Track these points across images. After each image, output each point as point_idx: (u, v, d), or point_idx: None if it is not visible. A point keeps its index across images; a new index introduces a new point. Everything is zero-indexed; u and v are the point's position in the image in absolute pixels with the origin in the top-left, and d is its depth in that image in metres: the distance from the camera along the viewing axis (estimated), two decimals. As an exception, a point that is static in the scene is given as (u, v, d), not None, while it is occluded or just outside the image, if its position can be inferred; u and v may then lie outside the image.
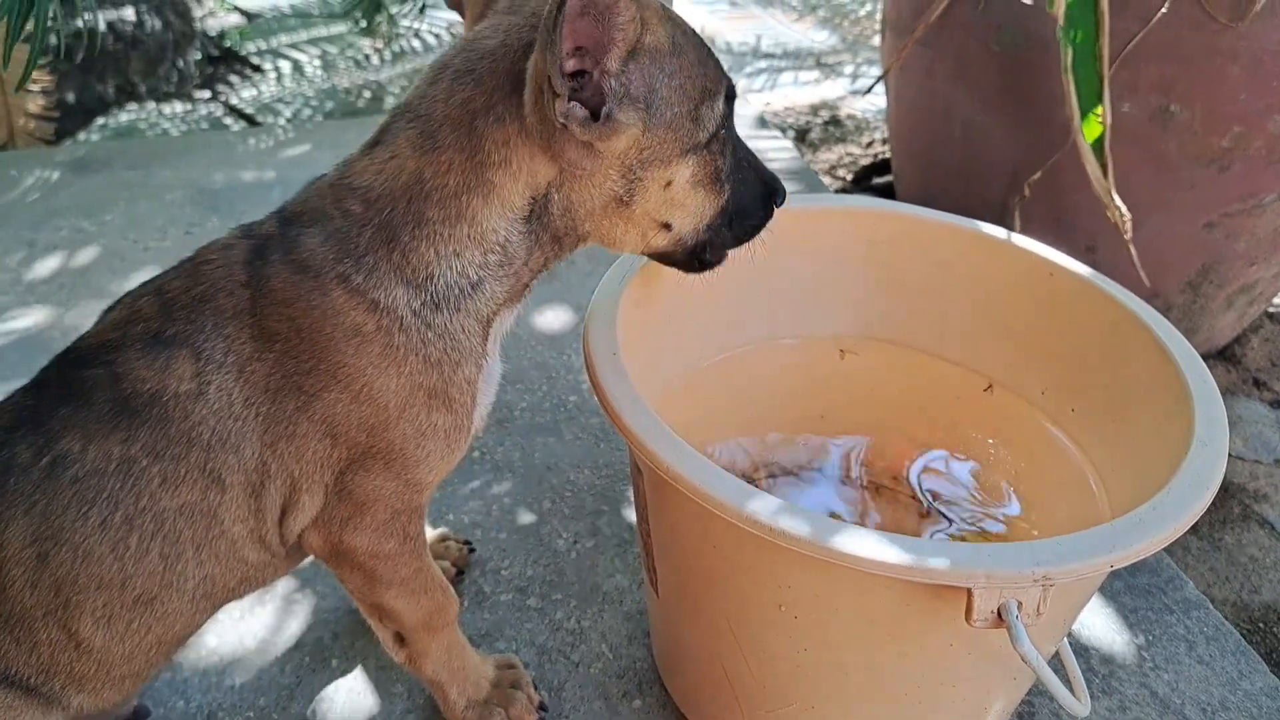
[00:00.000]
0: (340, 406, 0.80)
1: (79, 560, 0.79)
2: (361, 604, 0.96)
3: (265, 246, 0.81)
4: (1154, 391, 0.92)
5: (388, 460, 0.83)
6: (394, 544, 0.89)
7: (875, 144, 2.63)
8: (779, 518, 0.73)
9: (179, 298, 0.81)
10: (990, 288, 1.08)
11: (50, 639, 0.81)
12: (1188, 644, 1.16)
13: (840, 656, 0.85)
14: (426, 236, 0.79)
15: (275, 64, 3.25)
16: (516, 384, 1.55)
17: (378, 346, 0.79)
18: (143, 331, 0.80)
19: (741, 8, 3.65)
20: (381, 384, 0.80)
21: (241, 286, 0.80)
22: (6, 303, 1.70)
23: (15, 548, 0.78)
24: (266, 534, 0.85)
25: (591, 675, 1.12)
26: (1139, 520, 0.74)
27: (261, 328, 0.79)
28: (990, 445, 1.13)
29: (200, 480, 0.80)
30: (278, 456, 0.81)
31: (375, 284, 0.78)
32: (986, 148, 1.71)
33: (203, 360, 0.79)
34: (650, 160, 0.79)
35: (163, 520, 0.80)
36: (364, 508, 0.85)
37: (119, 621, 0.82)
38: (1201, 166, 1.51)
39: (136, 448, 0.79)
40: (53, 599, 0.80)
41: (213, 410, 0.79)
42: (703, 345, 1.11)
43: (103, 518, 0.79)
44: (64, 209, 1.96)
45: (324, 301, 0.78)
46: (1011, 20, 1.55)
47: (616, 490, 1.36)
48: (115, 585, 0.80)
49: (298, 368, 0.79)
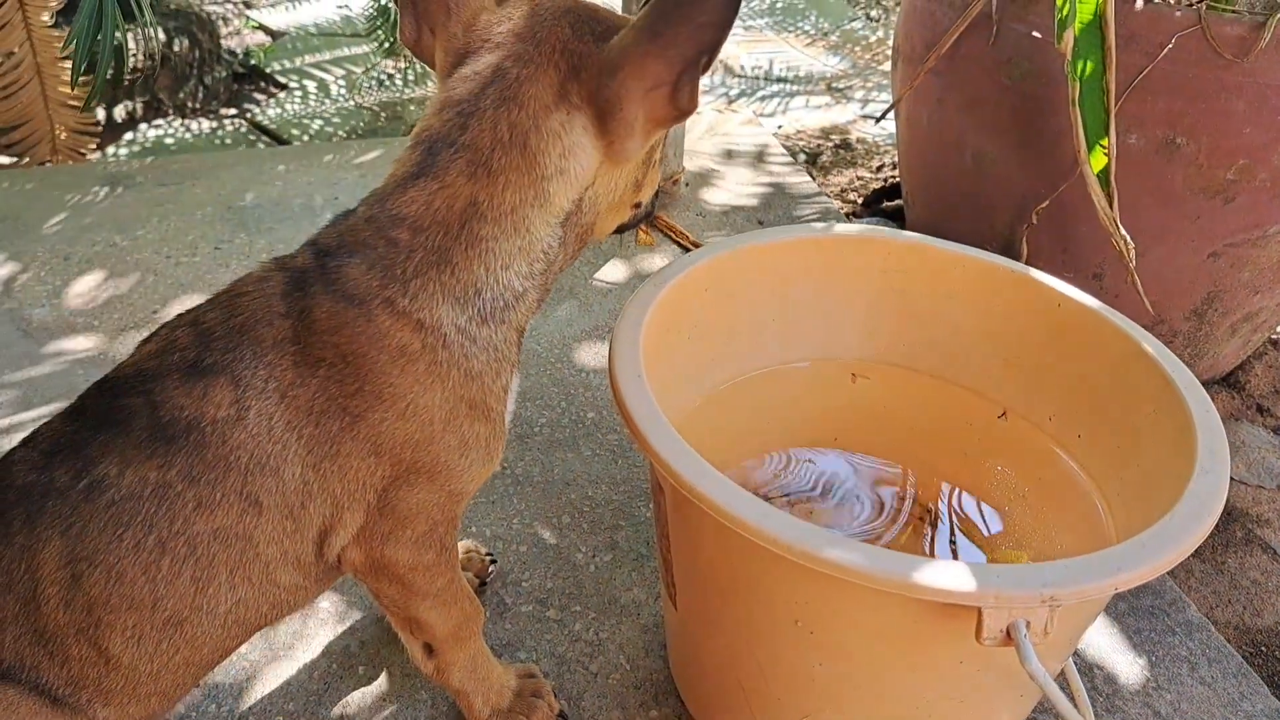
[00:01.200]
0: (386, 425, 0.83)
1: (111, 581, 0.81)
2: (395, 617, 1.00)
3: (303, 279, 0.84)
4: (1158, 421, 0.95)
5: (431, 474, 0.86)
6: (432, 555, 0.92)
7: (885, 168, 2.67)
8: (798, 536, 0.77)
9: (216, 329, 0.84)
10: (1000, 317, 1.12)
11: (80, 655, 0.83)
12: (1190, 665, 1.20)
13: (853, 671, 0.89)
14: (479, 254, 0.83)
15: (300, 82, 3.31)
16: (536, 400, 1.59)
17: (423, 364, 0.83)
18: (180, 361, 0.83)
19: (755, 31, 3.70)
20: (426, 400, 0.83)
21: (281, 317, 0.83)
22: (44, 315, 1.75)
23: (51, 567, 0.81)
24: (302, 555, 0.88)
25: (610, 685, 1.16)
26: (1143, 545, 0.78)
27: (304, 355, 0.82)
28: (999, 470, 1.16)
29: (237, 504, 0.82)
30: (320, 476, 0.84)
31: (420, 305, 0.82)
32: (996, 177, 1.75)
33: (242, 387, 0.81)
34: (659, 138, 0.85)
35: (196, 544, 0.82)
36: (406, 521, 0.88)
37: (148, 641, 0.84)
38: (1206, 198, 1.55)
39: (173, 473, 0.81)
40: (85, 618, 0.82)
41: (252, 435, 0.81)
42: (721, 368, 1.16)
43: (136, 541, 0.81)
44: (98, 224, 2.01)
45: (369, 328, 0.82)
46: (1022, 54, 1.60)
47: (634, 506, 1.40)
48: (146, 606, 0.82)
49: (342, 390, 0.82)
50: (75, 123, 2.60)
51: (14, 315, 1.74)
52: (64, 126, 2.59)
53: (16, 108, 2.49)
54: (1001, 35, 1.62)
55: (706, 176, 2.30)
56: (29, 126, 2.53)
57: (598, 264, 1.96)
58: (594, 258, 1.98)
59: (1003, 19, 1.61)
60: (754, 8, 3.91)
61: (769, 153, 2.45)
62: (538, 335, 1.73)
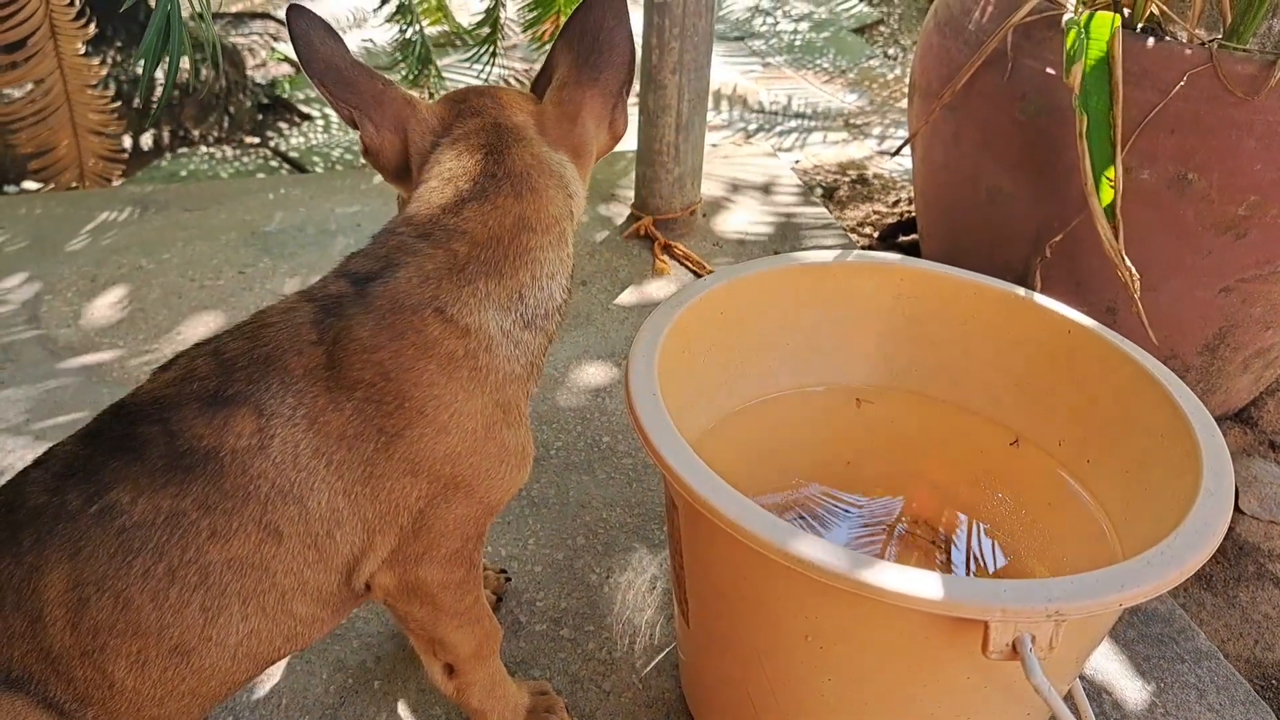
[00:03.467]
0: (425, 441, 0.85)
1: (118, 607, 0.81)
2: (419, 640, 1.00)
3: (338, 305, 0.86)
4: (1165, 445, 0.97)
5: (471, 487, 0.88)
6: (462, 572, 0.94)
7: (901, 203, 2.70)
8: (811, 552, 0.78)
9: (239, 359, 0.85)
10: (1010, 343, 1.14)
11: (85, 677, 0.83)
12: (1198, 692, 1.20)
13: (863, 687, 0.90)
14: (526, 264, 0.91)
15: (323, 112, 3.37)
16: (552, 423, 1.61)
17: (466, 370, 0.86)
18: (200, 390, 0.84)
19: (774, 68, 3.76)
20: (470, 407, 0.87)
21: (312, 345, 0.85)
22: (69, 335, 1.78)
23: (58, 590, 0.81)
24: (323, 585, 0.87)
25: (622, 704, 1.17)
26: (1147, 563, 0.79)
27: (339, 379, 0.84)
28: (1007, 497, 1.18)
29: (254, 533, 0.82)
30: (352, 502, 0.85)
31: (469, 312, 0.87)
32: (1010, 211, 1.77)
33: (267, 416, 0.82)
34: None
35: (208, 573, 0.82)
36: (440, 540, 0.90)
37: (153, 669, 0.84)
38: (1218, 233, 1.56)
39: (187, 502, 0.81)
40: (90, 641, 0.82)
41: (274, 464, 0.82)
42: (734, 392, 1.17)
43: (145, 568, 0.81)
44: (124, 247, 2.05)
45: (418, 338, 0.85)
46: (1035, 91, 1.62)
47: (648, 528, 1.42)
48: (152, 634, 0.82)
49: (380, 410, 0.84)
50: (103, 149, 2.67)
51: (41, 334, 1.78)
52: (91, 153, 2.65)
53: (45, 134, 2.55)
54: (1016, 71, 1.65)
55: (722, 207, 2.34)
56: (56, 153, 2.59)
57: (614, 291, 1.99)
58: (610, 285, 2.01)
59: (1017, 56, 1.64)
60: (772, 45, 3.97)
61: (785, 185, 2.48)
62: (553, 360, 1.76)
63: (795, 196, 2.42)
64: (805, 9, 4.31)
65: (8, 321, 1.82)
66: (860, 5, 4.35)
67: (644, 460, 1.54)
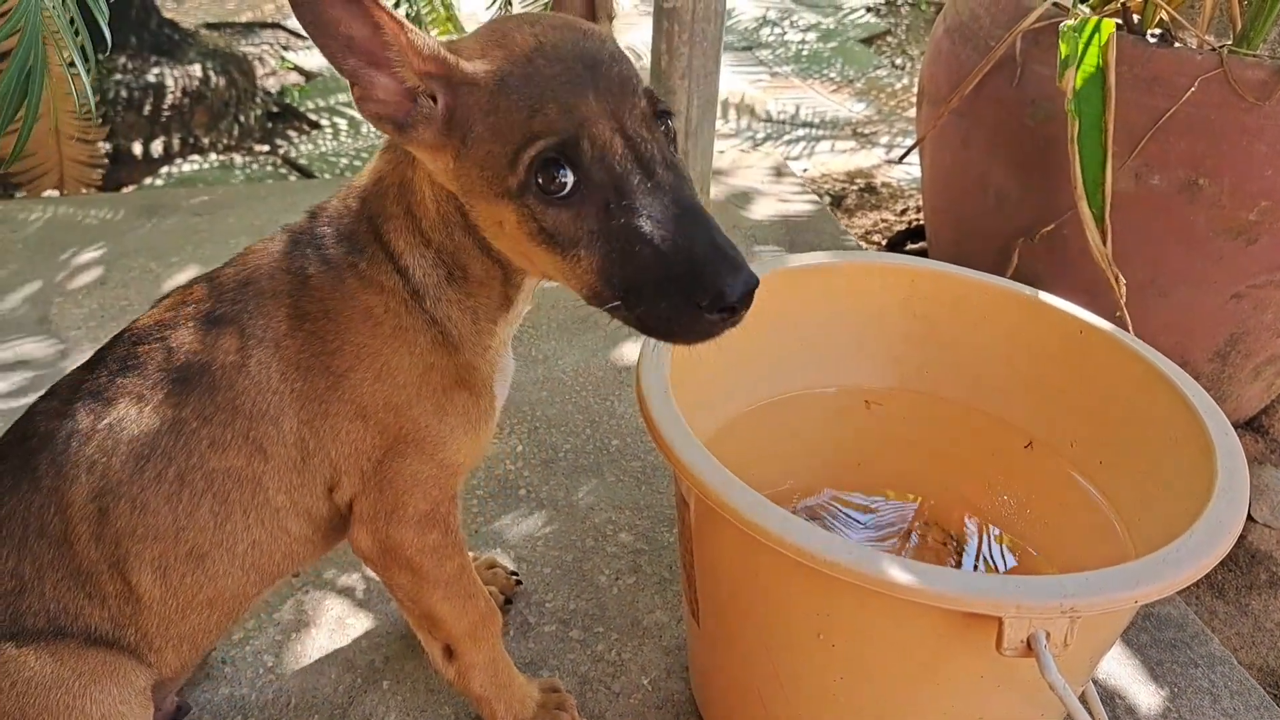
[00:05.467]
0: (364, 386, 0.90)
1: (136, 512, 0.87)
2: (411, 613, 1.02)
3: (309, 235, 0.94)
4: (1179, 445, 0.96)
5: (419, 443, 0.91)
6: (436, 535, 0.96)
7: (909, 211, 2.70)
8: (825, 547, 0.78)
9: (227, 283, 0.92)
10: (1022, 343, 1.13)
11: (114, 590, 0.88)
12: (1212, 697, 1.19)
13: (874, 685, 0.90)
14: None
15: (332, 121, 3.38)
16: (561, 427, 1.61)
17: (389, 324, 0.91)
18: (194, 312, 0.91)
19: (781, 78, 3.76)
20: (399, 361, 0.91)
21: (282, 272, 0.91)
22: (80, 335, 1.79)
23: (79, 504, 0.87)
24: (311, 508, 0.93)
25: (631, 705, 1.16)
26: (1162, 560, 0.79)
27: (296, 307, 0.89)
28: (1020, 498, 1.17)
29: (245, 447, 0.89)
30: (315, 434, 0.90)
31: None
32: (1019, 216, 1.77)
33: (245, 335, 0.88)
34: (471, 191, 0.81)
35: (212, 479, 0.88)
36: (405, 496, 0.92)
37: (173, 574, 0.89)
38: (1229, 239, 1.56)
39: (187, 411, 0.88)
40: (114, 551, 0.87)
41: (254, 382, 0.88)
42: (745, 392, 1.17)
43: (157, 472, 0.87)
44: (134, 251, 2.06)
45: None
46: (1044, 96, 1.62)
47: (657, 531, 1.41)
48: (169, 536, 0.88)
49: (324, 347, 0.89)
50: (83, 156, 2.69)
51: (52, 335, 1.79)
52: (71, 159, 2.66)
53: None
54: (1025, 77, 1.65)
55: (730, 214, 2.34)
56: (36, 158, 2.61)
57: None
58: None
59: (1026, 61, 1.64)
60: (779, 54, 3.98)
61: (793, 193, 2.48)
62: (562, 364, 1.76)
63: (803, 203, 2.42)
64: (812, 19, 4.32)
65: (19, 323, 1.82)
66: (867, 16, 4.36)
67: (652, 463, 1.54)
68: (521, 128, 0.75)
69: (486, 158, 0.77)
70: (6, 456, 0.91)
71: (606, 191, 0.75)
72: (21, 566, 0.87)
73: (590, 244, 0.76)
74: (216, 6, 4.17)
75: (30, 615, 0.87)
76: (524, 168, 0.75)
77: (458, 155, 0.79)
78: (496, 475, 1.50)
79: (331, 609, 1.28)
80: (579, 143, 0.75)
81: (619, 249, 0.75)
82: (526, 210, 0.77)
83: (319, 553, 1.00)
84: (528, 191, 0.76)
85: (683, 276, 0.73)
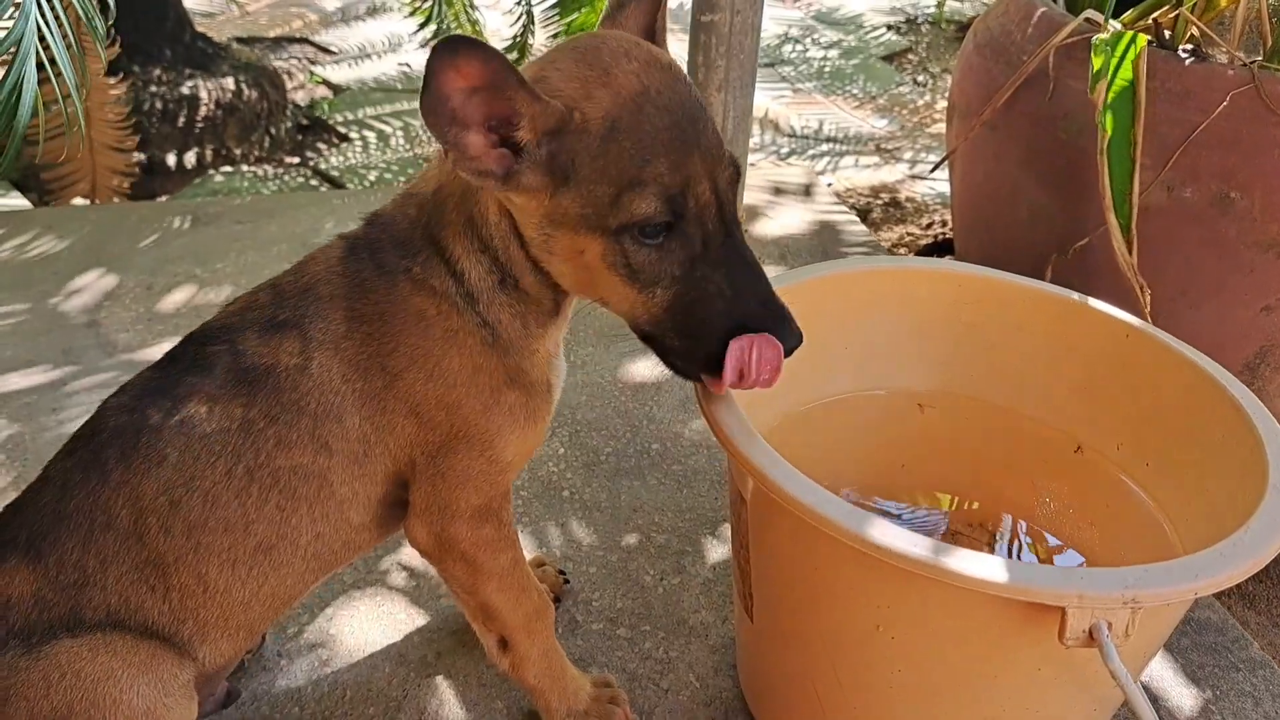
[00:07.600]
0: (418, 385, 0.93)
1: (207, 505, 0.90)
2: (467, 605, 1.05)
3: (365, 242, 0.97)
4: (1227, 445, 0.99)
5: (470, 440, 0.95)
6: (490, 529, 0.99)
7: (934, 225, 2.73)
8: (889, 537, 0.80)
9: (288, 289, 0.95)
10: (1068, 348, 1.16)
11: (181, 583, 0.91)
12: (1254, 700, 1.21)
13: (932, 677, 0.92)
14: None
15: (361, 133, 3.43)
16: (601, 430, 1.63)
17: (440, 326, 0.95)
18: (259, 317, 0.94)
19: (804, 94, 3.80)
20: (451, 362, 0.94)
21: (339, 276, 0.94)
22: (128, 339, 1.83)
23: (150, 496, 0.90)
24: (372, 495, 0.97)
25: (680, 702, 1.18)
26: (1220, 554, 0.81)
27: (354, 310, 0.93)
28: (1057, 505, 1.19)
29: (310, 445, 0.92)
30: (376, 430, 0.94)
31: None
32: (1052, 230, 1.79)
33: (307, 339, 0.92)
34: (559, 222, 0.86)
35: (279, 476, 0.92)
36: (459, 490, 0.96)
37: (241, 566, 0.93)
38: (1260, 251, 1.58)
39: (255, 411, 0.91)
40: (184, 542, 0.90)
41: (317, 383, 0.92)
42: (796, 392, 1.19)
43: (228, 468, 0.90)
44: (178, 257, 2.09)
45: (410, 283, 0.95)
46: (1077, 109, 1.65)
47: (699, 533, 1.43)
48: (239, 529, 0.91)
49: (380, 348, 0.93)
50: (119, 165, 2.73)
51: (100, 338, 1.82)
52: (105, 168, 2.70)
53: (60, 148, 2.59)
54: (1058, 91, 1.67)
55: (762, 224, 2.36)
56: (69, 165, 2.65)
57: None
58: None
59: (1059, 76, 1.67)
60: (802, 71, 4.02)
61: (825, 205, 2.51)
62: (601, 369, 1.79)
63: (836, 215, 2.45)
64: (834, 37, 4.36)
65: (69, 324, 1.86)
66: (888, 34, 4.40)
67: (693, 467, 1.56)
68: (631, 175, 0.82)
69: (589, 196, 0.83)
70: (75, 451, 0.94)
71: (695, 243, 0.85)
72: (86, 559, 0.90)
73: (669, 285, 0.86)
74: (247, 21, 4.23)
75: (90, 608, 0.90)
76: (631, 212, 0.82)
77: (554, 193, 0.84)
78: (540, 477, 1.53)
79: (383, 605, 1.30)
80: (685, 199, 0.83)
81: (694, 294, 0.86)
82: (618, 247, 0.84)
83: (374, 541, 1.03)
84: (625, 231, 0.83)
85: (742, 328, 0.85)
